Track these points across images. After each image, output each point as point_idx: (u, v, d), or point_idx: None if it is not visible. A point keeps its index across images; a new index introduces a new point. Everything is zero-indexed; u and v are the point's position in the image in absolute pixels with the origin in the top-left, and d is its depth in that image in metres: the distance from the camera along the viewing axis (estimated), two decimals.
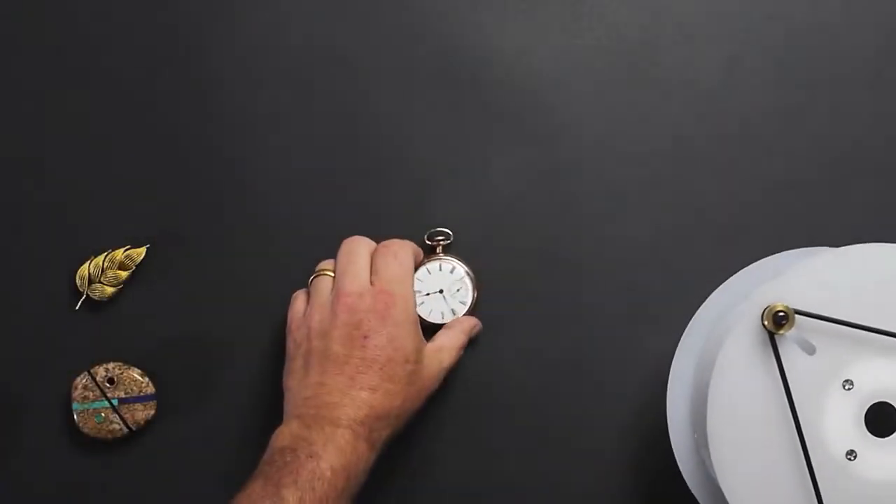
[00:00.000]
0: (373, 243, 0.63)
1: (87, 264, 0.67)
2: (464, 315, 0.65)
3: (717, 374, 0.52)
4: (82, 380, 0.66)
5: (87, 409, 0.66)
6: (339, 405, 0.57)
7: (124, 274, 0.67)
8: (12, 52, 0.69)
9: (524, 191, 0.67)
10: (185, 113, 0.68)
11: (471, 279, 0.66)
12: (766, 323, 0.51)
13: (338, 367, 0.58)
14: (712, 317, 0.59)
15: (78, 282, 0.67)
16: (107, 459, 0.67)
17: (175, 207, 0.68)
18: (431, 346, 0.62)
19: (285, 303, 0.64)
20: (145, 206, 0.68)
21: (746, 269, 0.59)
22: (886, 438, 0.51)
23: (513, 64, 0.68)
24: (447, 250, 0.67)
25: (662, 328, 0.66)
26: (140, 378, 0.66)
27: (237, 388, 0.67)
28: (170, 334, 0.67)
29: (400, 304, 0.60)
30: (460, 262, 0.66)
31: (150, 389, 0.66)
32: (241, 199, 0.68)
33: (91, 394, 0.65)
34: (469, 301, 0.66)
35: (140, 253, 0.67)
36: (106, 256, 0.67)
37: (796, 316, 0.51)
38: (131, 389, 0.66)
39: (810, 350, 0.52)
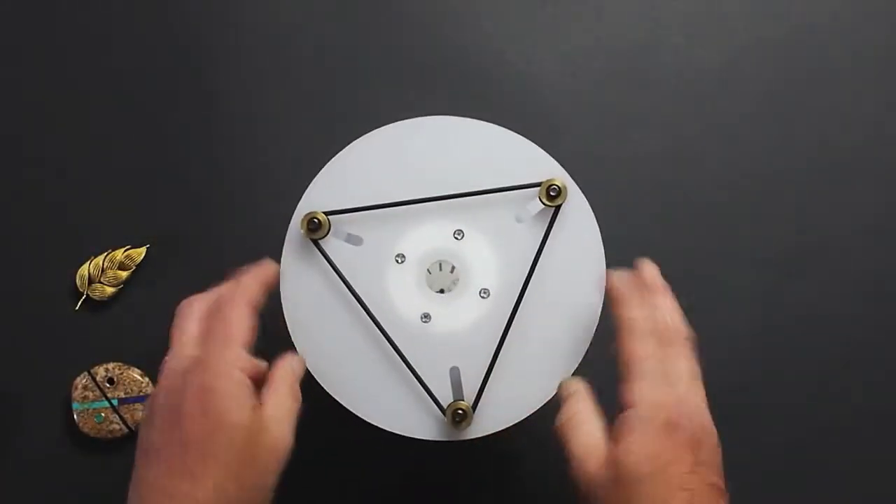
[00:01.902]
0: (209, 299, 0.53)
1: (87, 264, 0.67)
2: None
3: (284, 289, 0.54)
4: (82, 380, 0.66)
5: (87, 409, 0.66)
6: None
7: (124, 274, 0.67)
8: (13, 52, 0.69)
9: None
10: (185, 113, 0.68)
11: None
12: (303, 231, 0.54)
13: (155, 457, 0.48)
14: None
15: (78, 282, 0.67)
16: (107, 459, 0.67)
17: (175, 207, 0.68)
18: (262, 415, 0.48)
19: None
20: (145, 206, 0.68)
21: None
22: (450, 293, 0.55)
23: (513, 64, 0.68)
24: None
25: None
26: (140, 378, 0.66)
27: None
28: (170, 334, 0.67)
29: (219, 380, 0.48)
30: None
31: (150, 389, 0.66)
32: (241, 199, 0.68)
33: (91, 394, 0.65)
34: None
35: (140, 253, 0.67)
36: (106, 256, 0.67)
37: (328, 217, 0.54)
38: (131, 389, 0.66)
39: (357, 242, 0.55)
